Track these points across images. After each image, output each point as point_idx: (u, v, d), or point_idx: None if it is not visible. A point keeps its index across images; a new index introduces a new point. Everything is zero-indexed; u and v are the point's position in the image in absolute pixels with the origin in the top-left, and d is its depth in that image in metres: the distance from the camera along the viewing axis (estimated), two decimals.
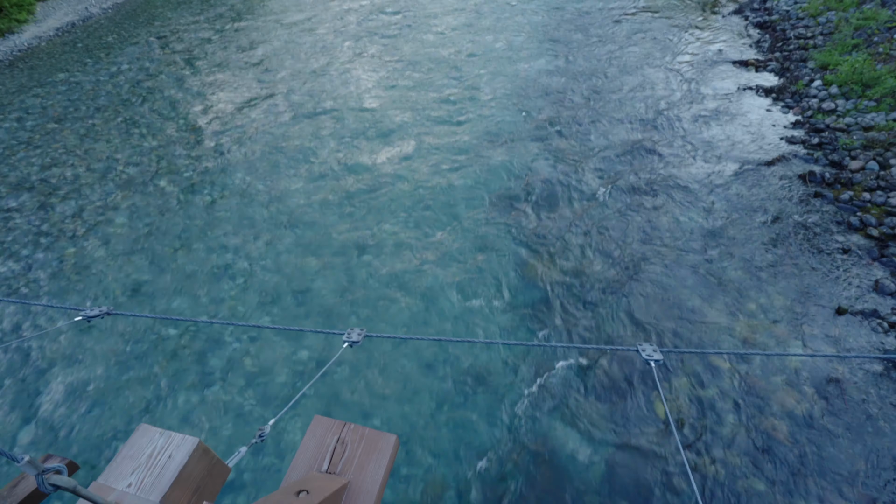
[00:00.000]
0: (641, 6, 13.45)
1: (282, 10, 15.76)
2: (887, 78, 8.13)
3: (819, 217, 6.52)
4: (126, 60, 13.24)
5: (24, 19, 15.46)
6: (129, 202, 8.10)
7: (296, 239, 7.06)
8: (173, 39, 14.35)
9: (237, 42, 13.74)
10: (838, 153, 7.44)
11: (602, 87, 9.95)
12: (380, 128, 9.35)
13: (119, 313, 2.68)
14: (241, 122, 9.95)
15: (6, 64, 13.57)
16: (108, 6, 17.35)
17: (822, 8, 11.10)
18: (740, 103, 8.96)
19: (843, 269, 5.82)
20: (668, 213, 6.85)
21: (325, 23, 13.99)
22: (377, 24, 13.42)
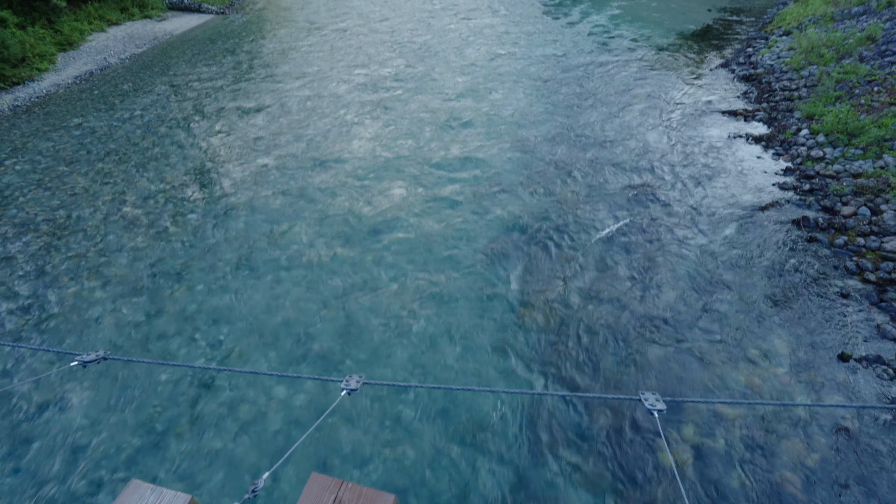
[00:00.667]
0: (633, 60, 14.11)
1: (291, 65, 16.51)
2: (871, 128, 8.44)
3: (816, 261, 6.58)
4: (139, 107, 13.74)
5: (44, 68, 16.17)
6: (133, 243, 8.19)
7: (296, 281, 7.09)
8: (185, 88, 14.96)
9: (246, 92, 14.31)
10: (830, 199, 7.60)
11: (599, 135, 10.28)
12: (381, 177, 9.59)
13: (115, 358, 2.68)
14: (246, 167, 10.22)
15: (24, 109, 14.08)
16: (125, 57, 18.19)
17: (804, 62, 11.65)
18: (732, 151, 9.23)
19: (843, 313, 5.81)
20: (666, 258, 6.91)
21: (332, 81, 14.62)
22: (382, 82, 13.98)
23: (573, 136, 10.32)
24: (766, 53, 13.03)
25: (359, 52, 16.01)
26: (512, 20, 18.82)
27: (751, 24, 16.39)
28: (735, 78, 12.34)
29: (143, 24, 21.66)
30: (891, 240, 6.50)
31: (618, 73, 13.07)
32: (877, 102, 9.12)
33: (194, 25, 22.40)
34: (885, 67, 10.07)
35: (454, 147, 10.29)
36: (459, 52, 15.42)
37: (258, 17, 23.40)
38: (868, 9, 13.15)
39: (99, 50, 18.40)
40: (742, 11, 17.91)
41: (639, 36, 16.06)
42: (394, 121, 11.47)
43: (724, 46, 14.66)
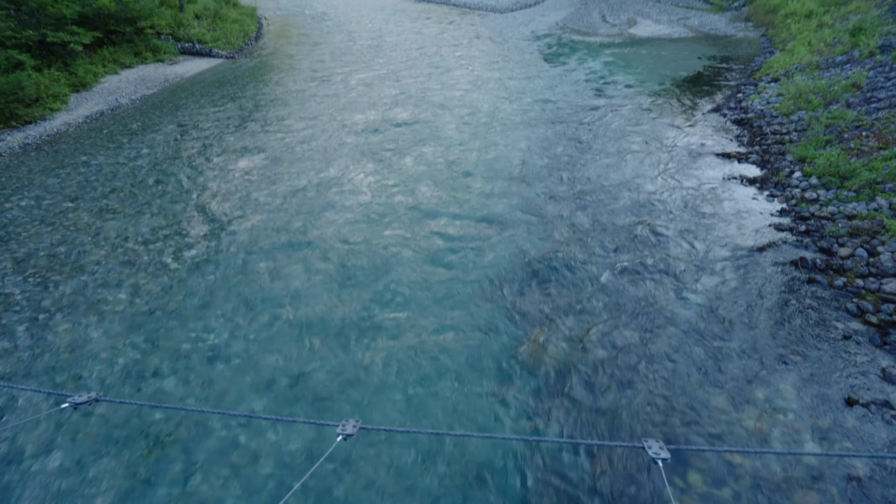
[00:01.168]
0: (628, 104, 14.59)
1: (294, 110, 17.03)
2: (862, 171, 8.62)
3: (816, 303, 6.56)
4: (146, 145, 14.06)
5: (57, 108, 16.65)
6: (132, 280, 8.18)
7: (293, 319, 7.04)
8: (192, 128, 15.36)
9: (250, 133, 14.69)
10: (826, 240, 7.67)
11: (598, 178, 10.49)
12: (380, 219, 9.70)
13: (107, 399, 2.63)
14: (247, 207, 10.35)
15: (33, 147, 14.39)
16: (136, 98, 18.77)
17: (793, 107, 12.04)
18: (727, 192, 9.39)
19: (847, 356, 5.74)
20: (667, 299, 6.90)
21: (334, 126, 15.03)
22: (385, 129, 14.26)
23: (572, 178, 10.52)
24: (756, 99, 13.48)
25: (362, 99, 16.40)
26: (514, 68, 19.55)
27: (739, 72, 17.03)
28: (727, 122, 12.71)
29: (154, 68, 22.47)
30: (890, 281, 6.51)
31: (614, 117, 13.47)
32: (866, 147, 9.36)
33: (204, 69, 23.24)
34: (871, 113, 10.39)
35: (455, 190, 10.47)
36: (463, 100, 15.75)
37: (265, 62, 24.32)
38: (851, 58, 13.72)
39: (111, 91, 19.00)
40: (731, 59, 18.66)
41: (633, 81, 16.66)
42: (395, 166, 11.70)
43: (715, 92, 15.18)
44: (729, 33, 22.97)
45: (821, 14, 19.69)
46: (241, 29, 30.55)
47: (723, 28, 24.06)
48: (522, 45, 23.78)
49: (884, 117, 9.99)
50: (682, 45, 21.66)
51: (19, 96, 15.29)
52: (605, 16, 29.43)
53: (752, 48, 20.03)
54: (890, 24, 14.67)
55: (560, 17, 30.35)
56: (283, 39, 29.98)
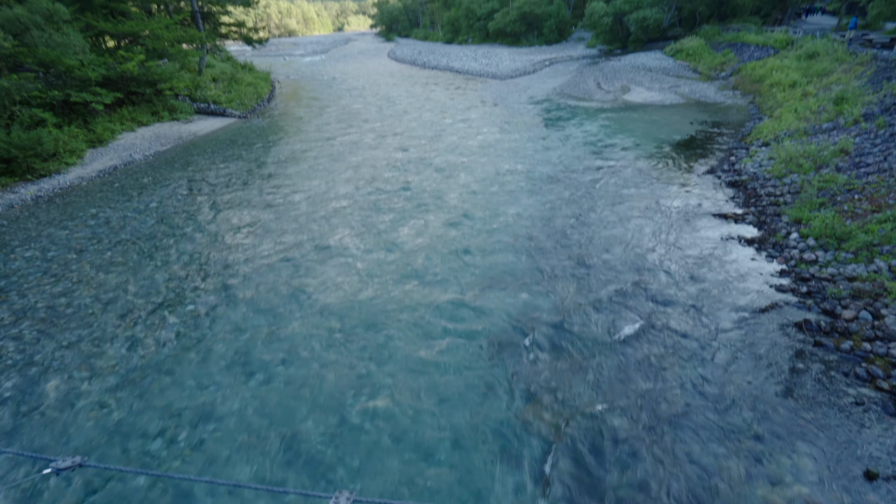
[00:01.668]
0: (626, 166, 15.05)
1: (301, 169, 17.60)
2: (858, 233, 8.73)
3: (824, 367, 6.42)
4: (155, 199, 14.40)
5: (72, 162, 17.23)
6: (129, 333, 8.08)
7: (290, 378, 6.88)
8: (201, 183, 15.80)
9: (257, 190, 15.09)
10: (829, 302, 7.63)
11: (600, 239, 10.62)
12: (382, 277, 9.75)
13: (91, 465, 2.53)
14: (248, 263, 10.43)
15: (45, 199, 14.74)
16: (150, 153, 19.46)
17: (785, 171, 12.40)
18: (726, 252, 9.46)
19: (861, 424, 5.54)
20: (673, 364, 6.76)
21: (338, 187, 15.45)
22: (388, 192, 14.63)
23: (574, 240, 10.66)
24: (749, 162, 13.92)
25: (366, 162, 16.80)
26: (516, 132, 20.32)
27: (731, 136, 17.71)
28: (722, 183, 13.05)
29: (170, 126, 23.49)
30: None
31: (613, 179, 13.84)
32: (860, 209, 9.54)
33: (217, 128, 24.27)
34: (861, 177, 10.69)
35: (455, 255, 10.58)
36: (466, 163, 16.01)
37: (276, 122, 25.42)
38: (837, 125, 14.31)
39: (126, 147, 19.75)
40: (721, 124, 19.46)
41: (629, 144, 17.29)
42: (395, 232, 11.89)
43: (709, 155, 15.70)
44: (718, 100, 24.11)
45: (804, 84, 20.77)
46: (255, 91, 32.24)
47: (712, 96, 25.29)
48: (523, 109, 24.92)
49: (874, 181, 10.27)
50: (674, 110, 22.68)
51: (38, 151, 15.87)
52: (600, 83, 31.07)
53: (741, 114, 20.94)
54: (870, 94, 15.44)
55: (557, 84, 32.04)
56: (294, 101, 31.55)
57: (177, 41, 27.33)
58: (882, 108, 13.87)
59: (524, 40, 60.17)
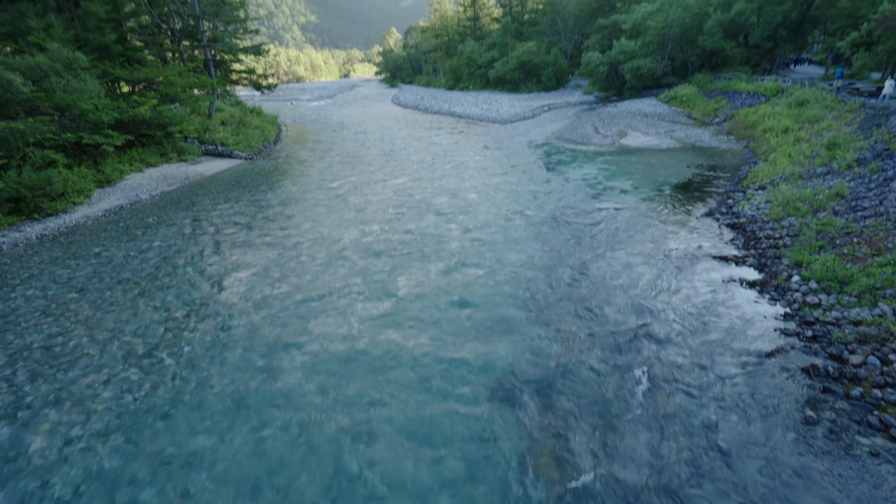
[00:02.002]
0: (626, 208, 15.25)
1: (303, 209, 17.85)
2: (860, 276, 8.72)
3: (835, 415, 6.25)
4: (158, 239, 14.52)
5: (80, 202, 17.50)
6: (124, 375, 7.95)
7: (285, 423, 6.70)
8: (205, 222, 15.98)
9: (260, 230, 15.24)
10: (835, 346, 7.52)
11: (601, 282, 10.62)
12: (381, 319, 9.70)
13: None
14: (248, 303, 10.40)
15: (50, 238, 14.87)
16: (156, 194, 19.80)
17: (782, 214, 12.54)
18: (728, 295, 9.42)
19: (878, 477, 5.33)
20: (678, 410, 6.60)
21: (339, 230, 15.63)
22: (389, 239, 14.61)
23: (575, 286, 10.66)
24: (746, 205, 14.10)
25: (368, 207, 16.68)
26: (517, 175, 20.66)
27: (727, 179, 18.03)
28: (721, 226, 13.16)
29: (177, 167, 24.02)
30: None
31: (613, 222, 13.97)
32: (859, 253, 9.58)
33: (224, 169, 24.81)
34: (859, 221, 10.79)
35: (456, 301, 10.57)
36: (468, 209, 15.85)
37: (280, 165, 26.00)
38: (831, 169, 14.59)
39: (133, 187, 20.12)
40: (717, 168, 19.86)
41: (628, 187, 17.58)
42: (395, 277, 11.87)
43: (706, 197, 15.93)
44: (713, 145, 24.72)
45: (796, 130, 21.35)
46: (262, 134, 33.19)
47: (707, 140, 25.95)
48: (523, 152, 25.53)
49: (871, 225, 10.36)
50: (670, 154, 23.21)
51: (47, 191, 16.16)
52: (598, 128, 31.97)
53: (737, 158, 21.41)
54: (861, 140, 15.84)
55: (555, 129, 32.97)
56: (299, 144, 32.40)
57: (189, 87, 28.42)
58: (874, 153, 14.19)
59: (523, 87, 62.46)
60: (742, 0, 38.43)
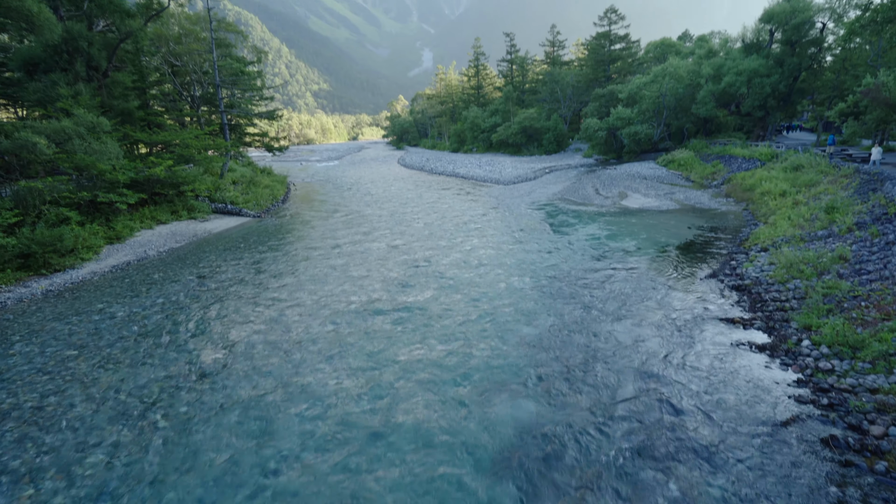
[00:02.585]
0: (628, 269, 15.29)
1: (309, 266, 18.04)
2: (871, 342, 8.54)
3: (861, 493, 5.89)
4: (163, 295, 14.56)
5: (88, 258, 17.75)
6: (115, 438, 7.67)
7: (281, 490, 6.36)
8: (211, 279, 16.08)
9: (264, 288, 15.30)
10: (853, 416, 7.22)
11: (605, 345, 10.46)
12: (382, 383, 9.51)
13: None
14: (247, 363, 10.24)
15: (55, 294, 14.94)
16: (164, 250, 20.11)
17: (787, 276, 12.52)
18: (737, 360, 9.20)
19: None
20: (693, 482, 6.25)
21: (340, 297, 15.63)
22: (388, 308, 14.09)
23: (581, 346, 10.50)
24: (750, 267, 14.11)
25: (369, 272, 16.13)
26: (521, 236, 20.91)
27: (728, 241, 18.19)
28: (725, 287, 13.10)
29: (187, 224, 24.57)
30: None
31: (617, 284, 13.95)
32: (868, 317, 9.44)
33: (232, 226, 25.34)
34: (864, 284, 10.74)
35: (460, 354, 10.42)
36: (473, 276, 15.37)
37: (287, 223, 26.55)
38: (831, 233, 14.73)
39: (142, 244, 20.48)
40: (718, 229, 20.10)
41: (631, 248, 17.73)
42: (391, 358, 11.76)
43: (709, 259, 15.99)
44: (713, 207, 25.18)
45: (794, 193, 21.81)
46: (271, 193, 34.20)
47: (706, 202, 26.48)
48: (527, 212, 26.04)
49: (878, 289, 10.29)
50: (670, 215, 23.60)
51: (57, 247, 16.45)
52: (598, 189, 32.79)
53: (737, 220, 21.72)
54: (858, 204, 16.12)
55: (557, 190, 33.83)
56: (307, 203, 33.28)
57: (204, 149, 29.70)
58: (873, 217, 14.38)
59: (525, 150, 64.87)
60: (731, 73, 40.70)
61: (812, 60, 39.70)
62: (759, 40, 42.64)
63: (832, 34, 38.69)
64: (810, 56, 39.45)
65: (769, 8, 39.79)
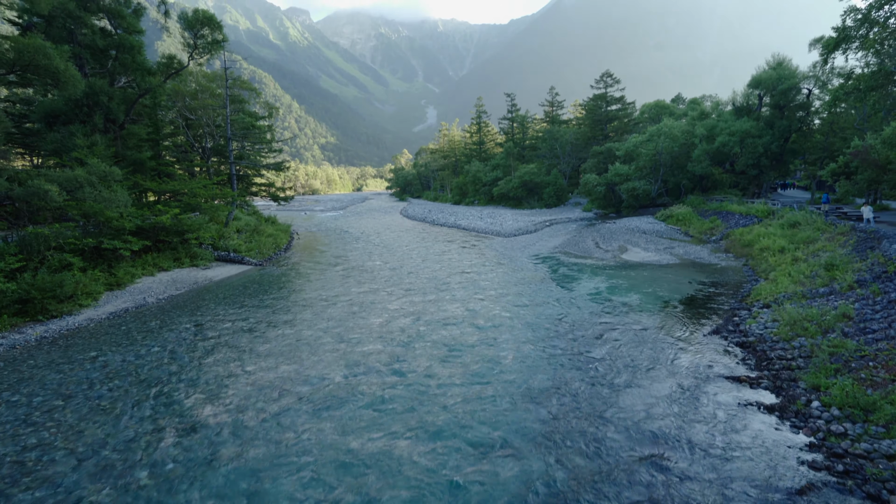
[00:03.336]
0: (631, 324, 15.13)
1: (307, 317, 17.92)
2: (883, 404, 8.29)
3: None
4: (158, 344, 14.34)
5: (87, 304, 17.65)
6: (95, 497, 7.29)
7: None
8: (208, 328, 15.90)
9: (260, 339, 15.11)
10: (872, 485, 6.88)
11: (609, 404, 10.18)
12: (378, 441, 9.20)
13: None
14: (240, 416, 9.93)
15: (49, 341, 14.73)
16: (163, 297, 20.03)
17: (791, 334, 12.34)
18: (746, 422, 8.89)
19: None
20: None
21: (337, 355, 15.45)
22: (384, 371, 12.81)
23: (585, 403, 10.22)
24: (753, 323, 13.95)
25: (373, 331, 15.38)
26: (523, 290, 20.82)
27: (730, 296, 18.10)
28: (729, 344, 12.89)
29: (188, 271, 24.62)
30: None
31: (620, 340, 13.73)
32: (878, 377, 9.22)
33: (233, 274, 25.39)
34: (870, 344, 10.57)
35: (459, 415, 10.13)
36: (471, 338, 14.77)
37: (288, 273, 26.62)
38: (833, 290, 14.69)
39: (142, 290, 20.43)
40: (719, 285, 20.06)
41: (634, 303, 17.63)
42: (388, 408, 11.45)
43: (711, 314, 15.84)
44: (713, 262, 25.28)
45: (792, 250, 21.95)
46: (274, 241, 34.54)
47: (706, 257, 26.61)
48: (528, 265, 26.14)
49: (885, 349, 10.12)
50: (671, 270, 23.65)
51: (56, 293, 16.41)
52: (598, 243, 33.08)
53: (737, 275, 21.72)
54: (857, 262, 16.18)
55: (558, 243, 34.13)
56: (308, 253, 33.53)
57: (211, 198, 30.34)
58: (873, 275, 14.39)
59: (526, 203, 66.12)
60: (724, 133, 42.22)
61: (801, 123, 41.29)
62: (749, 104, 44.60)
63: (818, 99, 40.53)
64: (799, 119, 41.08)
65: (756, 75, 41.93)
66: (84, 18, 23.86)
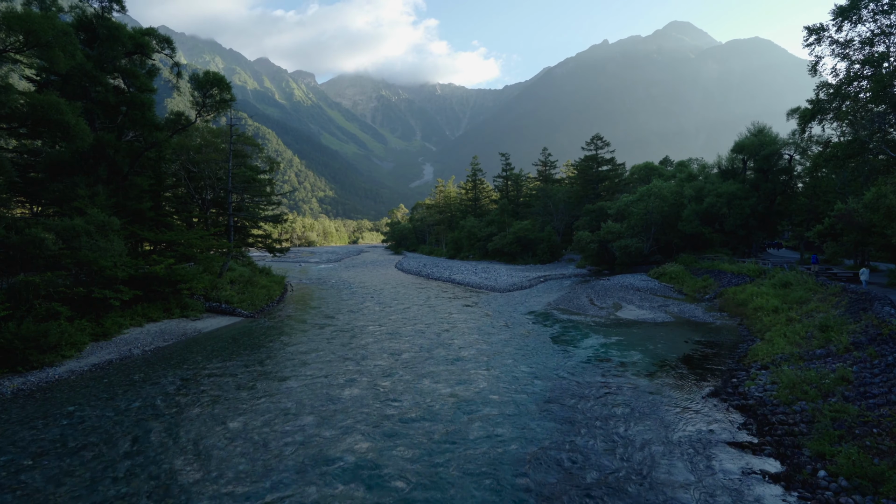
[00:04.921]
0: (627, 385, 14.82)
1: (296, 379, 17.48)
2: (892, 475, 7.99)
3: None
4: (140, 398, 13.79)
5: (70, 355, 17.11)
6: None
7: None
8: (192, 382, 15.38)
9: (249, 394, 14.62)
10: None
11: (610, 477, 9.80)
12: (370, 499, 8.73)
13: None
14: (219, 479, 9.41)
15: (26, 394, 14.13)
16: (149, 349, 19.50)
17: (791, 397, 12.09)
18: (752, 491, 8.50)
19: None
20: None
21: (327, 413, 15.05)
22: (376, 436, 11.20)
23: (587, 475, 9.82)
24: (752, 385, 13.70)
25: (360, 387, 14.71)
26: (517, 348, 20.48)
27: (726, 356, 17.88)
28: (729, 407, 12.58)
29: (178, 322, 24.15)
30: None
31: (620, 405, 13.22)
32: (883, 445, 8.95)
33: (223, 325, 24.92)
34: (872, 409, 10.35)
35: (455, 473, 9.68)
36: (463, 387, 14.65)
37: (279, 326, 26.17)
38: (829, 351, 14.58)
39: (128, 342, 19.92)
40: (715, 344, 19.87)
41: (629, 362, 17.35)
42: (389, 456, 11.11)
43: (708, 376, 15.57)
44: (707, 320, 25.19)
45: (786, 310, 21.99)
46: (267, 293, 34.19)
47: (700, 315, 26.54)
48: (522, 321, 25.91)
49: (888, 415, 9.89)
50: (666, 328, 23.49)
51: (40, 343, 15.95)
52: (593, 300, 33.05)
53: (733, 335, 21.58)
54: (852, 323, 16.19)
55: (552, 299, 34.05)
56: (301, 305, 33.16)
57: (207, 249, 30.38)
58: (868, 337, 14.36)
59: (520, 259, 66.66)
60: (712, 195, 43.59)
61: (785, 186, 42.83)
62: (735, 167, 46.45)
63: (800, 164, 42.31)
64: (783, 182, 42.66)
65: (739, 140, 44.01)
66: (100, 77, 24.96)
